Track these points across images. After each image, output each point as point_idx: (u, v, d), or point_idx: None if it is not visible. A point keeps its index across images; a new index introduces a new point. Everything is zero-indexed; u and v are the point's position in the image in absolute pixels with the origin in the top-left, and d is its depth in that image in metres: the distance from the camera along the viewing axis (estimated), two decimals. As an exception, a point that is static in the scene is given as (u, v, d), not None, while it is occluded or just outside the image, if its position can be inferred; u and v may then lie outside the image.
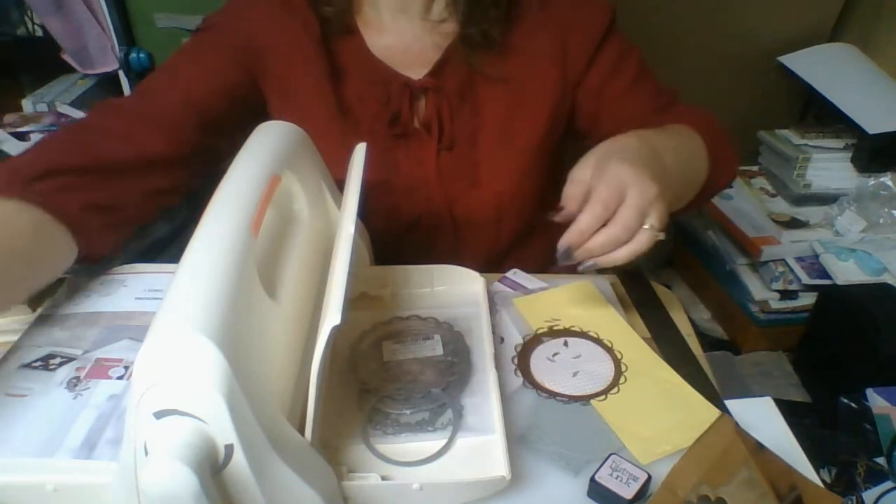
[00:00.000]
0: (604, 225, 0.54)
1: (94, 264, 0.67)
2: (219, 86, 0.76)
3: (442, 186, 0.81)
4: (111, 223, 0.66)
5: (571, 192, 0.57)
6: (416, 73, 0.78)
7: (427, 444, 0.54)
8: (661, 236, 0.55)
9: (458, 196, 0.82)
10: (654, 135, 0.63)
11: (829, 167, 1.65)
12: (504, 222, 0.84)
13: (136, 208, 0.70)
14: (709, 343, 1.74)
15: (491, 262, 0.87)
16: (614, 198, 0.54)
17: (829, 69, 1.72)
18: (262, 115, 0.81)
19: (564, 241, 0.55)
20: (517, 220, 0.85)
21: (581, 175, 0.57)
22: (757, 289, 1.64)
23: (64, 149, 0.66)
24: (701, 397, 0.60)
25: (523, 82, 0.79)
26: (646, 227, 0.54)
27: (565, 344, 0.67)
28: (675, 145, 0.65)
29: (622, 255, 0.55)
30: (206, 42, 0.79)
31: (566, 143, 0.87)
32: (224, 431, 0.40)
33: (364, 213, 0.62)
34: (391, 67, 0.78)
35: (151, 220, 0.72)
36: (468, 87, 0.79)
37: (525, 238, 0.88)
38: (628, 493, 0.50)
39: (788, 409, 0.59)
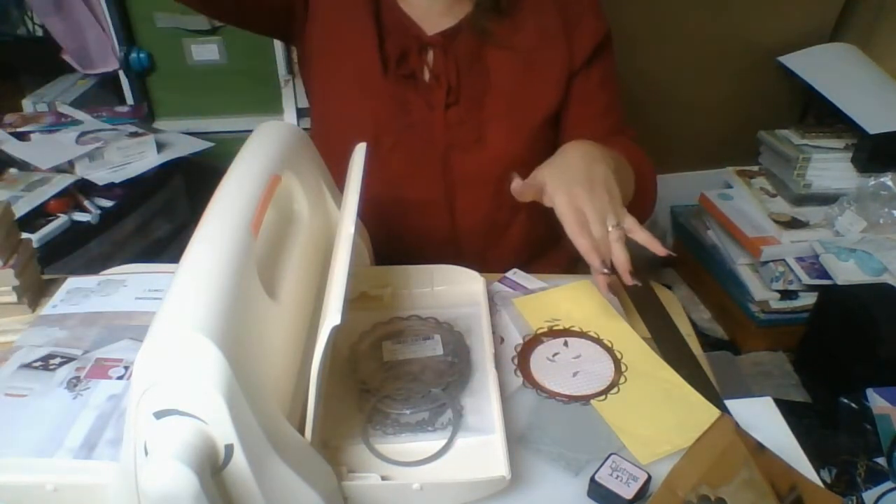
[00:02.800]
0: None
1: None
2: None
3: (447, 134, 0.83)
4: None
5: (527, 181, 0.68)
6: (431, 31, 0.83)
7: (427, 444, 0.55)
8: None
9: (460, 148, 0.84)
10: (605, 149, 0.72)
11: (829, 167, 1.65)
12: (504, 188, 0.85)
13: None
14: (709, 343, 1.74)
15: (485, 235, 0.89)
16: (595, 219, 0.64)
17: (829, 69, 1.72)
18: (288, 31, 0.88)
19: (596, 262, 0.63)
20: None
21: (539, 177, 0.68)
22: (757, 289, 1.64)
23: None
24: (701, 397, 0.60)
25: (532, 56, 0.84)
26: (610, 229, 0.63)
27: (565, 344, 0.67)
28: (617, 162, 0.73)
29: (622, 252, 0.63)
30: None
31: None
32: (224, 431, 0.40)
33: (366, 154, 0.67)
34: (410, 18, 0.83)
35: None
36: (478, 52, 0.83)
37: (522, 218, 0.89)
38: (628, 493, 0.50)
39: (788, 409, 0.59)
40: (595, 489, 0.51)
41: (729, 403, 0.60)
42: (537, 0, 0.84)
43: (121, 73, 1.55)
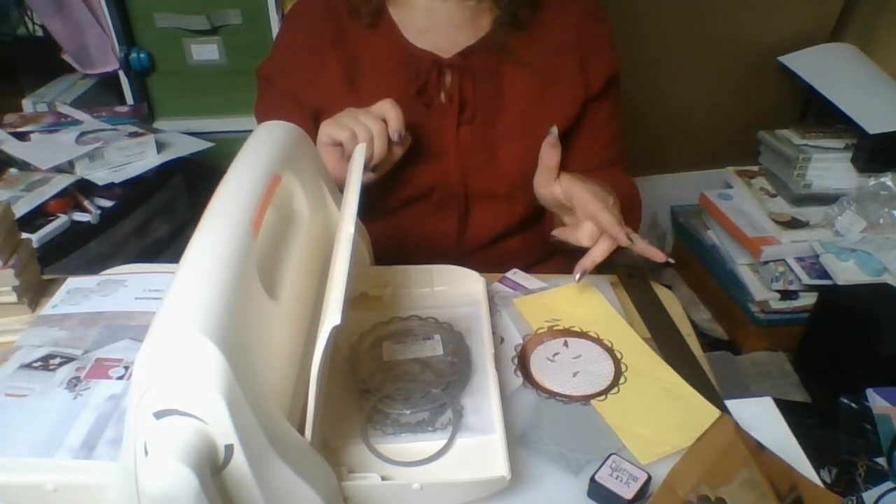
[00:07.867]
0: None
1: None
2: None
3: (459, 158, 0.84)
4: None
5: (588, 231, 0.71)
6: (447, 53, 0.83)
7: (427, 444, 0.55)
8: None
9: (474, 170, 0.85)
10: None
11: (829, 167, 1.65)
12: (517, 201, 0.86)
13: None
14: (709, 343, 1.74)
15: (494, 241, 0.90)
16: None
17: (829, 69, 1.72)
18: None
19: (580, 268, 0.69)
20: (530, 201, 0.85)
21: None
22: (757, 289, 1.64)
23: None
24: (701, 397, 0.60)
25: (547, 73, 0.85)
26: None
27: (565, 344, 0.67)
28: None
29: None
30: None
31: None
32: (224, 431, 0.40)
33: (378, 181, 0.71)
34: (422, 49, 0.83)
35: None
36: (494, 70, 0.84)
37: (532, 223, 0.90)
38: (628, 493, 0.50)
39: (788, 409, 0.59)
40: (595, 489, 0.51)
41: (729, 403, 0.60)
42: (555, 13, 0.85)
43: (121, 73, 1.55)
